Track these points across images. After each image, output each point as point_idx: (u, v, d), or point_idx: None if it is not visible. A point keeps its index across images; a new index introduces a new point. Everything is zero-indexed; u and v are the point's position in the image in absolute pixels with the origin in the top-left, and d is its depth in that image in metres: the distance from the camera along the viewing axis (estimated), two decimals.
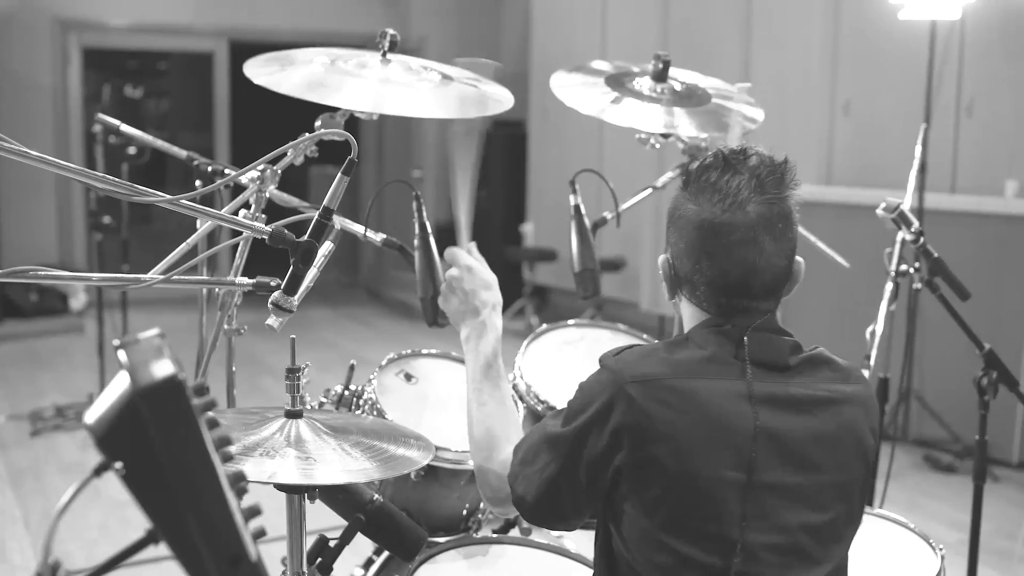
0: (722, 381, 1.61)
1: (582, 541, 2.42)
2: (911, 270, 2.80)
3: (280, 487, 1.81)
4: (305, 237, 1.73)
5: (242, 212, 2.14)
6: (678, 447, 1.56)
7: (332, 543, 2.02)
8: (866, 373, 2.70)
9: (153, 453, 1.00)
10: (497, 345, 1.96)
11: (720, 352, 1.63)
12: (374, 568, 2.46)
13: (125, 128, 2.72)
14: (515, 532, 2.47)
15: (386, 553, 2.47)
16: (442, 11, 9.60)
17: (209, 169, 2.58)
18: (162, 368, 1.01)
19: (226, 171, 2.54)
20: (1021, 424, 5.23)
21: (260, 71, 2.14)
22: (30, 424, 5.72)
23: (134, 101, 11.58)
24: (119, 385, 1.02)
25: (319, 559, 2.00)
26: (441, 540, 2.24)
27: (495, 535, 2.33)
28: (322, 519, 2.12)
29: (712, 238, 1.63)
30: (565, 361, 2.65)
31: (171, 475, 1.01)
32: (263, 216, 2.15)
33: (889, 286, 2.78)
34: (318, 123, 2.22)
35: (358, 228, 2.30)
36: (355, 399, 2.34)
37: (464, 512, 2.38)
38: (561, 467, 1.64)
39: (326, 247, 1.92)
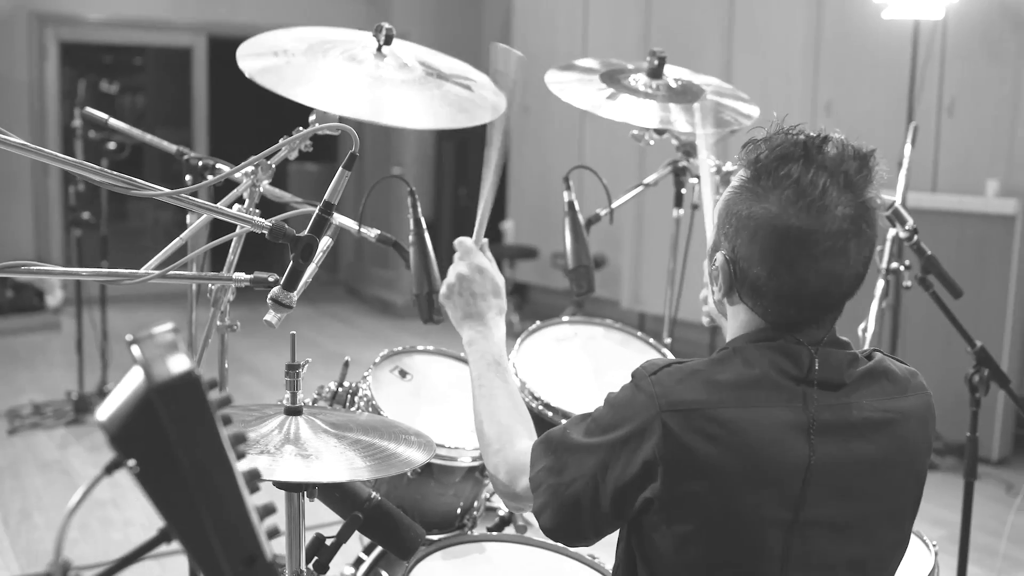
0: (772, 409, 1.45)
1: None
2: (901, 267, 2.80)
3: (279, 484, 1.79)
4: (306, 232, 1.72)
5: (235, 207, 2.12)
6: (719, 484, 1.43)
7: (328, 541, 2.00)
8: None
9: (169, 450, 0.98)
10: (503, 347, 1.87)
11: (771, 372, 1.47)
12: (364, 567, 2.44)
13: (113, 122, 2.69)
14: (510, 530, 2.46)
15: (376, 552, 2.45)
16: (423, 8, 9.57)
17: (200, 164, 2.56)
18: (178, 363, 0.99)
19: (217, 165, 2.51)
20: (1001, 421, 5.27)
21: (255, 66, 2.09)
22: (7, 422, 5.65)
23: (110, 97, 11.47)
24: (132, 381, 1.00)
25: (315, 557, 1.98)
26: (435, 538, 2.22)
27: (490, 532, 2.32)
28: (311, 516, 2.10)
29: (796, 247, 1.44)
30: (559, 358, 2.64)
31: (187, 473, 0.99)
32: (257, 211, 2.13)
33: (880, 283, 2.78)
34: (312, 117, 2.20)
35: (352, 224, 2.28)
36: (349, 396, 2.32)
37: (459, 510, 2.37)
38: (585, 487, 1.51)
39: (325, 242, 1.91)
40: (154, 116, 11.52)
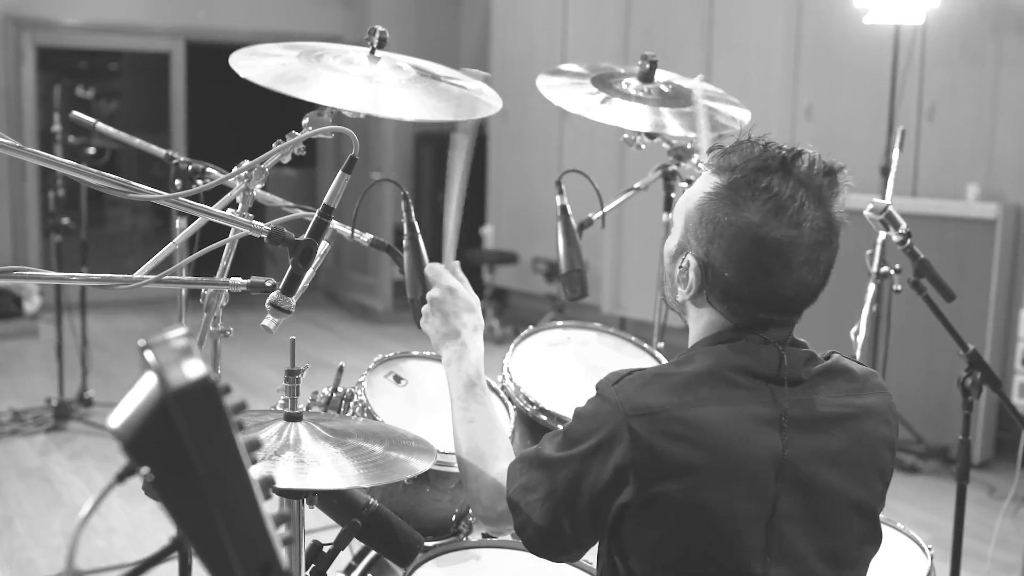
0: (738, 406, 1.50)
1: None
2: (892, 271, 2.81)
3: (279, 492, 1.77)
4: (305, 236, 1.70)
5: (229, 211, 2.09)
6: (690, 482, 1.46)
7: (326, 548, 1.98)
8: None
9: (185, 458, 0.96)
10: (480, 365, 1.86)
11: (735, 372, 1.52)
12: (355, 574, 2.42)
13: (101, 126, 2.68)
14: (506, 536, 2.44)
15: (367, 559, 2.43)
16: (401, 12, 9.53)
17: (189, 168, 2.54)
18: (194, 369, 0.97)
19: (208, 169, 2.50)
20: (983, 424, 5.30)
21: (255, 72, 2.07)
22: None
23: (85, 102, 11.40)
24: (145, 387, 0.99)
25: (313, 565, 1.96)
26: (431, 544, 2.21)
27: (486, 539, 2.31)
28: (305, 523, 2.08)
29: (774, 257, 1.49)
30: (553, 362, 2.65)
31: (202, 480, 0.97)
32: (250, 215, 2.11)
33: (871, 287, 2.79)
34: (305, 120, 2.18)
35: (343, 228, 2.27)
36: (343, 401, 2.30)
37: (454, 516, 2.35)
38: (561, 500, 1.54)
39: (322, 247, 1.89)
40: (129, 121, 11.47)
